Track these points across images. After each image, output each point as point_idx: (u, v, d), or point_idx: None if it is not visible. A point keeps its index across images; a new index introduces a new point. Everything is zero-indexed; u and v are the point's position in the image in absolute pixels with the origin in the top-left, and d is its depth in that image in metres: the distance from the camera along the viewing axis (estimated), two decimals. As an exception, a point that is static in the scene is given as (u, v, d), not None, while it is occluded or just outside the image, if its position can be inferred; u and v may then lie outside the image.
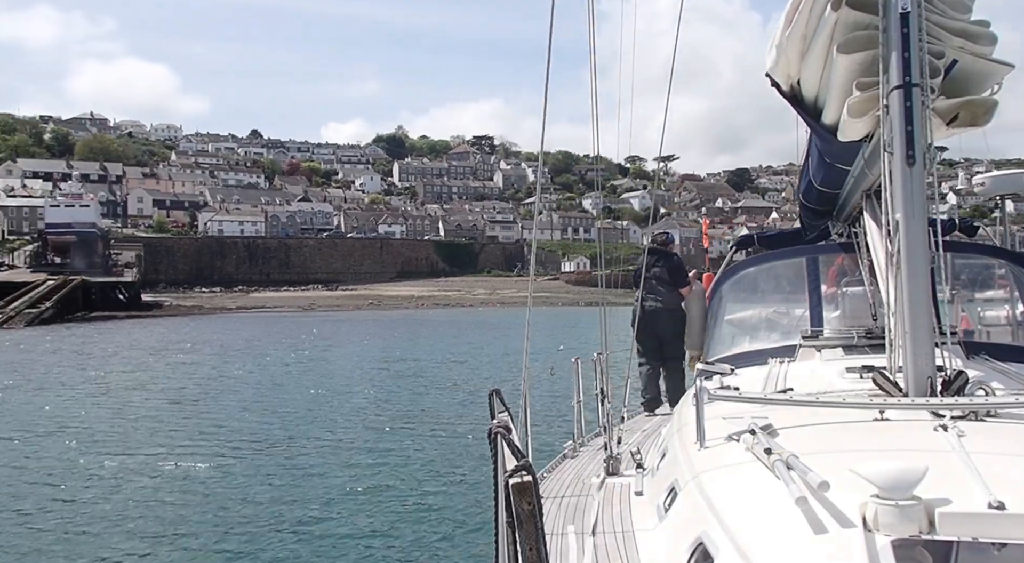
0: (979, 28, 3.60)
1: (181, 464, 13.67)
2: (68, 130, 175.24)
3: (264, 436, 16.27)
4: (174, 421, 18.43)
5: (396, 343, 43.05)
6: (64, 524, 10.47)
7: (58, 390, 24.23)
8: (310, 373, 28.58)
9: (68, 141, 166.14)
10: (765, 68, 4.38)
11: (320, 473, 12.98)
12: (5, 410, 20.27)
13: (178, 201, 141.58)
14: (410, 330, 54.29)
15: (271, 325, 62.32)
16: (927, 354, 3.28)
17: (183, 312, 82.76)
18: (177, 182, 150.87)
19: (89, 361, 34.15)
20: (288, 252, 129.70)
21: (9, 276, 77.39)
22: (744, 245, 7.61)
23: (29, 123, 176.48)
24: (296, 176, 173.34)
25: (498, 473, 2.63)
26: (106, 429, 17.33)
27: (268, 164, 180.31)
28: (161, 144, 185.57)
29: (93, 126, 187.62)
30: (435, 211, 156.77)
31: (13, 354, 37.23)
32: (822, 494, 2.22)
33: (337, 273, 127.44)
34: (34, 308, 62.06)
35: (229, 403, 21.07)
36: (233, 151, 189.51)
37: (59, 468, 13.65)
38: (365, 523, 10.26)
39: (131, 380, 27.03)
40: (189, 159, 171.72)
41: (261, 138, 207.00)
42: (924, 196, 3.37)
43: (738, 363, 4.64)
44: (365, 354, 36.51)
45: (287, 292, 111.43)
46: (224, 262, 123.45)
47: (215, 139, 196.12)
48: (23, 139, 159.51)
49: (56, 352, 38.45)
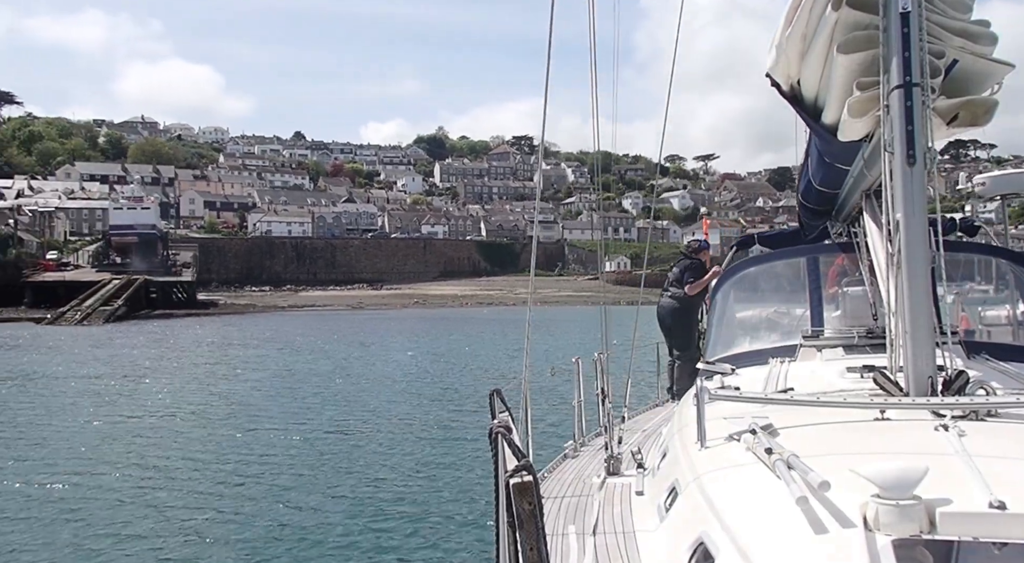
0: (979, 28, 3.60)
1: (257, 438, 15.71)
2: (121, 133, 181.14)
3: (342, 427, 18.20)
4: (261, 404, 20.62)
5: (449, 338, 45.01)
6: (207, 484, 12.45)
7: (164, 378, 26.91)
8: (379, 366, 30.67)
9: (121, 144, 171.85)
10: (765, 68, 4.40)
11: (349, 468, 13.46)
12: (130, 397, 22.66)
13: (228, 202, 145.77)
14: (459, 327, 56.04)
15: (327, 322, 64.77)
16: (928, 354, 3.30)
17: (238, 310, 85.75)
18: (226, 184, 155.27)
19: (183, 354, 37.03)
20: (334, 252, 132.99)
21: (77, 275, 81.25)
22: (744, 245, 7.64)
23: (84, 127, 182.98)
24: (340, 177, 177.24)
25: (499, 473, 2.63)
26: (215, 411, 19.55)
27: (312, 166, 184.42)
28: (209, 146, 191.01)
29: (144, 129, 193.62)
30: (476, 211, 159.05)
31: (109, 348, 40.08)
32: (823, 494, 2.23)
33: (381, 273, 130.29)
34: (107, 306, 65.44)
35: (305, 391, 23.17)
36: (278, 153, 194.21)
37: (198, 442, 15.75)
38: (365, 522, 10.36)
39: (223, 370, 29.65)
40: (236, 161, 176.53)
41: (304, 140, 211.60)
42: (924, 196, 3.38)
43: (739, 363, 4.63)
44: (429, 347, 38.49)
45: (333, 291, 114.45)
46: (273, 262, 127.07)
47: (260, 141, 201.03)
48: (79, 143, 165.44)
49: (145, 346, 41.23)
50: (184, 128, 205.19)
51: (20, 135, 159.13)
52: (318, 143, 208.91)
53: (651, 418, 7.55)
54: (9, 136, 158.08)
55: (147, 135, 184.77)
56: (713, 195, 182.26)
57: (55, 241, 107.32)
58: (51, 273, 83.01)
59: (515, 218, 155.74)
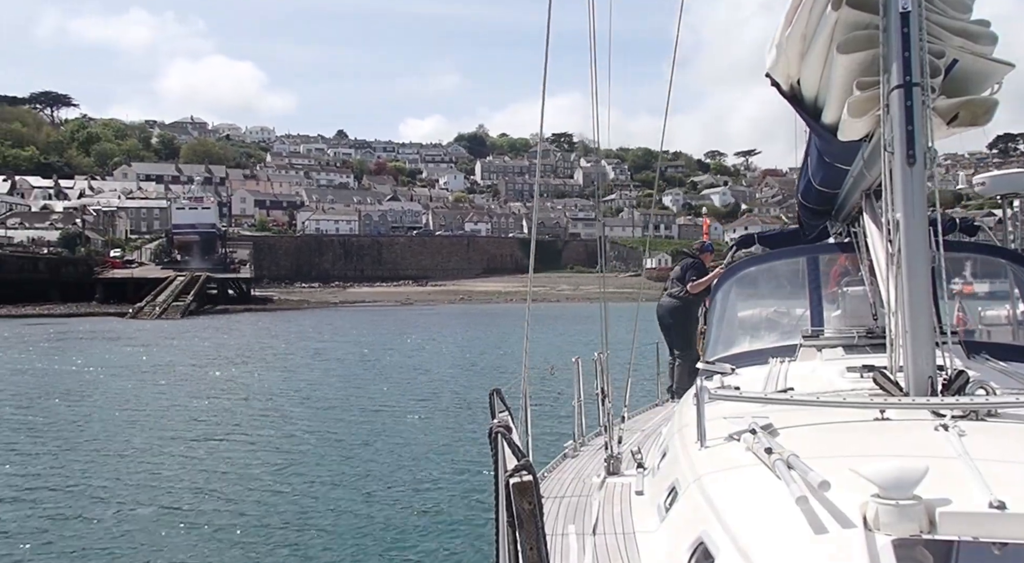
0: (979, 28, 3.61)
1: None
2: (173, 134, 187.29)
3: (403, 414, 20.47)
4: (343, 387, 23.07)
5: (497, 331, 47.12)
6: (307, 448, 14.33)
7: (259, 364, 30.04)
8: (439, 357, 33.06)
9: (173, 144, 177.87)
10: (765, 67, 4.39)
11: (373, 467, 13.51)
12: (240, 381, 25.39)
13: (277, 201, 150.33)
14: (506, 321, 57.25)
15: (383, 317, 67.75)
16: (928, 353, 3.30)
17: (293, 306, 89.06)
18: (274, 183, 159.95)
19: (271, 341, 40.95)
20: (380, 249, 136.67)
21: (143, 272, 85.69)
22: (744, 244, 7.65)
23: (138, 128, 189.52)
24: (383, 175, 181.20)
25: (499, 473, 2.64)
26: (316, 390, 22.04)
27: (356, 164, 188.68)
28: (256, 146, 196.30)
29: (194, 129, 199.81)
30: (518, 209, 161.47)
31: (199, 339, 43.78)
32: (823, 494, 2.23)
33: (426, 269, 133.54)
34: (178, 301, 69.39)
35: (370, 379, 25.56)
36: (323, 152, 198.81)
37: (304, 420, 17.88)
38: (364, 521, 10.40)
39: (312, 358, 32.70)
40: (283, 160, 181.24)
41: (347, 138, 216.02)
42: (924, 196, 3.38)
43: (738, 363, 4.65)
44: (480, 338, 40.76)
45: (380, 287, 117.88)
46: (321, 259, 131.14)
47: (305, 140, 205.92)
48: (134, 144, 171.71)
49: (229, 337, 44.90)
50: (232, 128, 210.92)
51: (79, 137, 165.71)
52: (361, 141, 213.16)
53: (651, 418, 7.54)
54: (68, 138, 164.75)
55: (197, 135, 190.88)
56: (754, 191, 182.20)
57: (117, 239, 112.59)
58: (118, 270, 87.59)
59: (556, 216, 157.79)
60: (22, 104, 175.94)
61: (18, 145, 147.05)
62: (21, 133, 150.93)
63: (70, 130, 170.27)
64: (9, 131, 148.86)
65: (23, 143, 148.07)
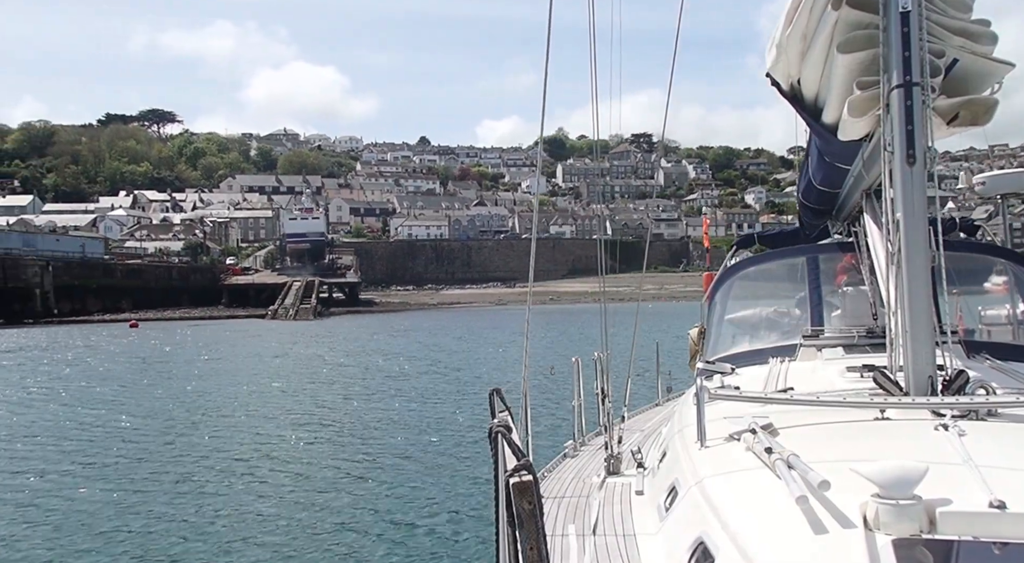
0: (979, 27, 3.59)
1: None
2: (269, 146, 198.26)
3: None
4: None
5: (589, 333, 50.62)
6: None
7: (407, 357, 34.80)
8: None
9: (271, 156, 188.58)
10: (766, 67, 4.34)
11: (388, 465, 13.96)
12: (410, 367, 30.20)
13: (370, 208, 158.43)
14: (593, 320, 60.63)
15: (486, 317, 71.98)
16: (928, 353, 3.28)
17: (395, 308, 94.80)
18: (367, 191, 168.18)
19: (405, 334, 47.32)
20: (469, 253, 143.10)
21: (261, 278, 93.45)
22: (745, 244, 7.59)
23: (237, 141, 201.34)
24: (467, 180, 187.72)
25: (499, 472, 2.62)
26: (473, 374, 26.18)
27: (441, 171, 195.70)
28: (346, 155, 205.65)
29: (287, 141, 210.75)
30: (601, 211, 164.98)
31: (341, 337, 49.85)
32: (823, 493, 2.22)
33: (513, 271, 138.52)
34: (304, 304, 76.35)
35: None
36: (409, 159, 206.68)
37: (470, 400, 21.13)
38: (363, 520, 10.57)
39: (462, 352, 37.19)
40: (372, 168, 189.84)
41: (430, 144, 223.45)
42: (924, 195, 3.34)
43: (739, 362, 4.63)
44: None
45: (471, 289, 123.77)
46: (414, 263, 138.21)
47: (391, 148, 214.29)
48: (236, 157, 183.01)
49: (366, 334, 50.74)
50: (322, 138, 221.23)
51: (186, 152, 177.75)
52: (444, 148, 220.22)
53: (651, 418, 7.54)
54: (176, 153, 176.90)
55: (291, 146, 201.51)
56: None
57: (231, 248, 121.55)
58: (239, 277, 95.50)
59: (639, 216, 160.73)
60: (132, 121, 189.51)
61: (134, 161, 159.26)
62: (136, 150, 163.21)
63: (177, 145, 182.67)
64: (126, 148, 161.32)
65: (138, 159, 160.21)
